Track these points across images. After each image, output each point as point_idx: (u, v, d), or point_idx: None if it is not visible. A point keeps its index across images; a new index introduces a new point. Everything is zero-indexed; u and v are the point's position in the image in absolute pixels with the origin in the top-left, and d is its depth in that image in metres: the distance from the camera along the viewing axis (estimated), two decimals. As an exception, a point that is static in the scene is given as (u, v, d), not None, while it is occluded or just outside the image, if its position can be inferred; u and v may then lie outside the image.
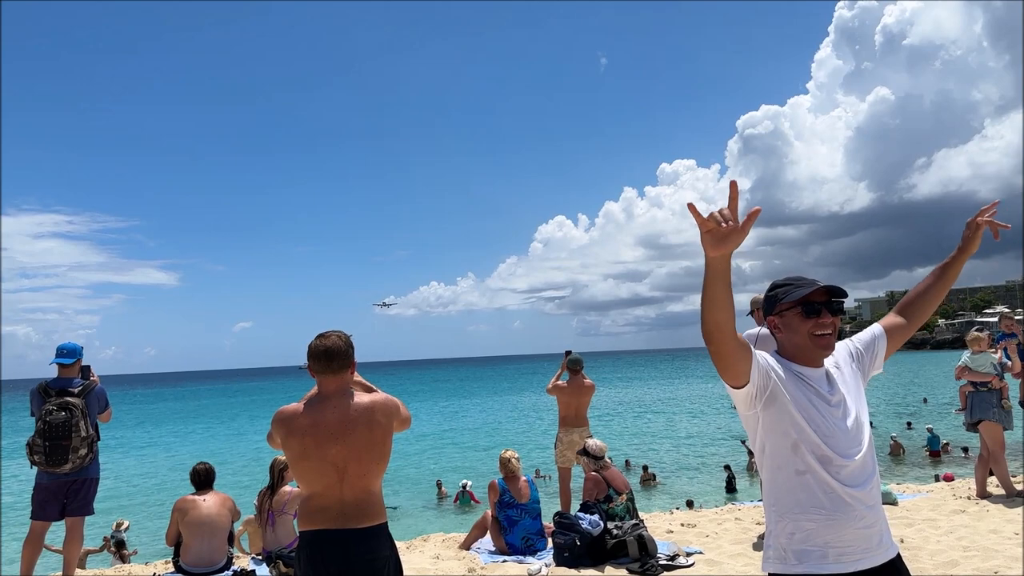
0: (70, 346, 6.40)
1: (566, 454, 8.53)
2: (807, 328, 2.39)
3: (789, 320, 2.43)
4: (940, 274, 2.74)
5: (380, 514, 3.40)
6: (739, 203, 2.06)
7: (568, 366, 8.81)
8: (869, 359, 2.61)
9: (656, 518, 8.54)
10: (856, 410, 2.42)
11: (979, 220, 2.73)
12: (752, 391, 2.31)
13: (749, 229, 2.05)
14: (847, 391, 2.44)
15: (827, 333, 2.39)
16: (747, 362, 2.27)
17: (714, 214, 2.03)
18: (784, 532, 2.35)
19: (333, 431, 3.31)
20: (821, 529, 2.30)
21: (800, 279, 2.47)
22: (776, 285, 2.51)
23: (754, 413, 2.37)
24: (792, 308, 2.41)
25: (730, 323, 2.18)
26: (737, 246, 2.05)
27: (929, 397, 41.88)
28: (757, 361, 2.29)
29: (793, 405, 2.32)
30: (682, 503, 15.68)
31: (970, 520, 7.48)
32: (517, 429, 39.22)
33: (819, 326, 2.38)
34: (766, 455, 2.40)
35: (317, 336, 3.49)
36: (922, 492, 9.43)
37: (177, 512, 6.75)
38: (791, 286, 2.45)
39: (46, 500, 6.22)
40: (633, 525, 6.70)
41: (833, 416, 2.36)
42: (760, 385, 2.30)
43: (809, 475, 2.31)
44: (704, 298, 2.15)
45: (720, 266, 2.09)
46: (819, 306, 2.39)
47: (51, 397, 6.18)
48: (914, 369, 70.97)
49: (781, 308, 2.45)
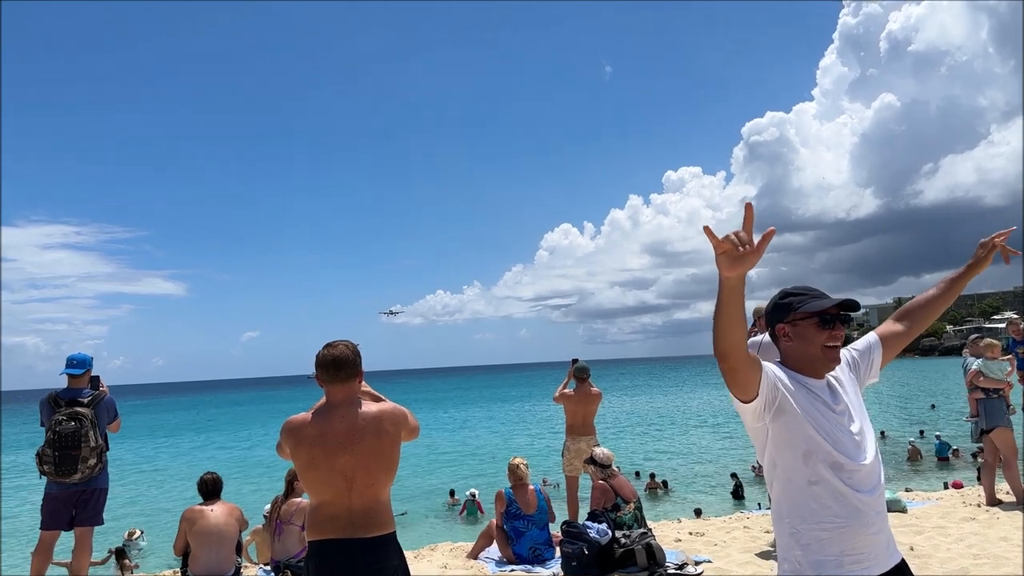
0: (80, 357, 6.43)
1: (573, 462, 8.52)
2: (822, 339, 2.40)
3: (803, 330, 2.43)
4: (947, 287, 2.75)
5: (389, 523, 3.40)
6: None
7: (575, 374, 8.81)
8: (865, 368, 2.62)
9: (664, 527, 8.53)
10: (860, 417, 2.44)
11: (995, 241, 2.74)
12: (760, 404, 2.31)
13: (764, 250, 2.06)
14: (849, 400, 2.45)
15: (838, 345, 2.42)
16: (757, 376, 2.27)
17: (730, 237, 2.04)
18: (798, 544, 2.34)
19: (341, 440, 3.31)
20: (835, 538, 2.30)
21: (811, 290, 2.48)
22: (789, 293, 2.51)
23: (763, 425, 2.37)
24: (808, 319, 2.42)
25: (744, 340, 2.19)
26: (752, 266, 2.07)
27: (937, 403, 41.65)
28: (766, 374, 2.30)
29: (802, 415, 2.33)
30: (690, 512, 15.63)
31: (980, 528, 7.44)
32: (524, 437, 39.13)
33: (832, 338, 2.40)
34: (776, 468, 2.40)
35: (325, 346, 3.51)
36: (931, 499, 9.40)
37: (185, 522, 6.76)
38: (806, 296, 2.46)
39: (55, 510, 6.24)
40: (641, 534, 6.68)
41: (840, 423, 2.37)
42: (768, 398, 2.30)
43: (821, 484, 2.31)
44: (719, 317, 2.15)
45: (736, 285, 2.11)
46: (833, 319, 2.41)
47: (61, 407, 6.21)
48: (922, 376, 70.60)
49: (796, 317, 2.44)
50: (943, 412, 37.64)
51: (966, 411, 9.36)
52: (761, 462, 2.48)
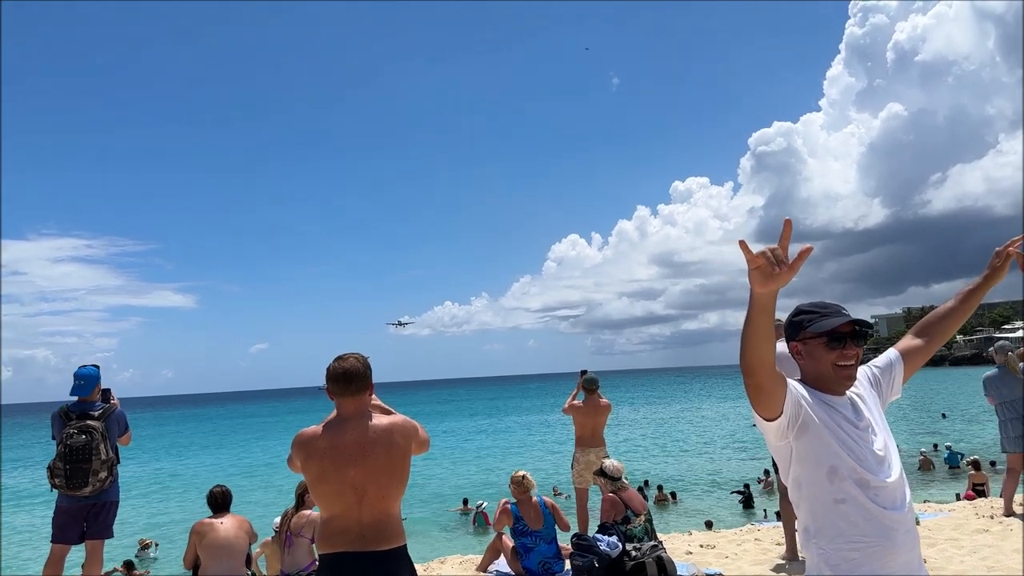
0: (86, 372, 6.37)
1: (583, 474, 8.49)
2: (831, 359, 2.37)
3: (813, 349, 2.41)
4: (964, 299, 2.72)
5: (399, 536, 3.40)
6: (754, 220, 2.07)
7: (584, 386, 8.80)
8: (887, 384, 2.59)
9: (675, 539, 8.48)
10: (883, 434, 2.40)
11: (1010, 250, 2.72)
12: (784, 422, 2.28)
13: (799, 268, 2.03)
14: (872, 416, 2.41)
15: (850, 364, 2.37)
16: (782, 394, 2.25)
17: (767, 254, 2.01)
18: (828, 565, 2.29)
19: (352, 453, 3.32)
20: (864, 558, 2.25)
21: (825, 306, 2.44)
22: (801, 311, 2.48)
23: (786, 443, 2.33)
24: (817, 338, 2.39)
25: (771, 357, 2.17)
26: (786, 284, 2.04)
27: (948, 412, 41.34)
28: (790, 391, 2.27)
29: (826, 431, 2.30)
30: (700, 523, 15.55)
31: (994, 540, 7.37)
32: (532, 449, 39.03)
33: (843, 357, 2.36)
34: (802, 488, 2.36)
35: (335, 358, 3.52)
36: (943, 511, 9.32)
37: (195, 535, 6.76)
38: (816, 314, 2.43)
39: (66, 523, 6.24)
40: (652, 546, 6.65)
41: (863, 439, 2.33)
42: (792, 415, 2.27)
43: (848, 503, 2.27)
44: (748, 332, 2.13)
45: (767, 302, 2.08)
46: (844, 337, 2.37)
47: (72, 420, 6.22)
48: (934, 386, 70.13)
49: (805, 336, 2.43)
50: (953, 420, 37.37)
51: (977, 421, 9.27)
52: (785, 482, 2.44)
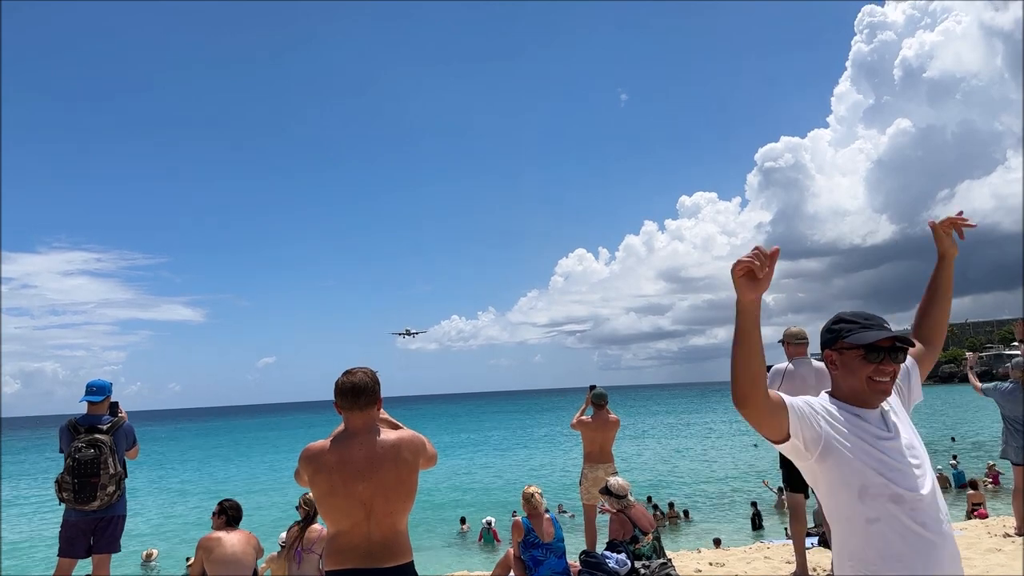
0: (99, 383, 6.45)
1: (591, 491, 8.43)
2: (866, 372, 2.30)
3: (848, 360, 2.34)
4: (933, 288, 2.75)
5: (407, 552, 3.39)
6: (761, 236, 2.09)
7: (592, 401, 8.75)
8: (907, 390, 2.56)
9: (683, 557, 8.42)
10: (916, 446, 2.34)
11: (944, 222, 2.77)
12: (799, 444, 2.22)
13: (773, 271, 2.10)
14: (902, 428, 2.36)
15: (886, 380, 2.31)
16: (783, 417, 2.20)
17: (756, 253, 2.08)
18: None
19: (360, 468, 3.31)
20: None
21: (868, 317, 2.39)
22: (842, 319, 2.42)
23: (809, 465, 2.28)
24: (854, 349, 2.33)
25: (764, 374, 2.14)
26: (767, 288, 2.09)
27: (957, 433, 40.92)
28: (795, 412, 2.22)
29: (851, 450, 2.23)
30: (709, 541, 15.43)
31: (1007, 559, 7.28)
32: (540, 465, 38.88)
33: (879, 372, 2.30)
34: (833, 509, 2.28)
35: (344, 372, 3.52)
36: (956, 530, 9.23)
37: (202, 550, 6.73)
38: (857, 324, 2.37)
39: (74, 537, 6.24)
40: (661, 565, 6.60)
41: (895, 453, 2.26)
42: (806, 436, 2.22)
43: (882, 522, 2.18)
44: (741, 351, 2.12)
45: (756, 311, 2.12)
46: (882, 352, 2.30)
47: (80, 434, 6.23)
48: (942, 406, 69.56)
49: (842, 346, 2.36)
50: (961, 441, 37.04)
51: (984, 442, 9.17)
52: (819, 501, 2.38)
